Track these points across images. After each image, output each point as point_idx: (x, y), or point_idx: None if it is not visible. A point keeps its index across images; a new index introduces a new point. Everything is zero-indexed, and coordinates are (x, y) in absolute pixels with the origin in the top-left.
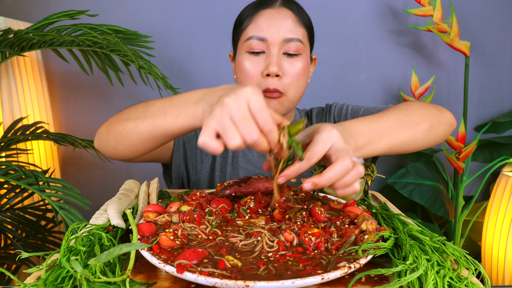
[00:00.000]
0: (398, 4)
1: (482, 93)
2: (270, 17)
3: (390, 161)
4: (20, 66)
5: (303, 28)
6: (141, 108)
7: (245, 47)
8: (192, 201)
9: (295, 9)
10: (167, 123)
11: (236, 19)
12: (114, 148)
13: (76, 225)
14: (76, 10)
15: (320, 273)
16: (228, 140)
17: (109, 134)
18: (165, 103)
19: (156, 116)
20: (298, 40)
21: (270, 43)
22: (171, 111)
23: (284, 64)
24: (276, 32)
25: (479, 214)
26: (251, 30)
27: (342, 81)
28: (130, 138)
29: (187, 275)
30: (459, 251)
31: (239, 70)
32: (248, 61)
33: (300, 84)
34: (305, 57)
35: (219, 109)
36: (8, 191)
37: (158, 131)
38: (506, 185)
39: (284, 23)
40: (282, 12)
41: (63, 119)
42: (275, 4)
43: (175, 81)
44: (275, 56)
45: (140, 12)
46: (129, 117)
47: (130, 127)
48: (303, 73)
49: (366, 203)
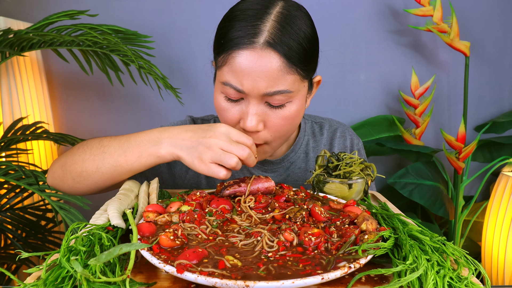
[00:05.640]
0: (398, 4)
1: (482, 93)
2: (248, 63)
3: (390, 161)
4: (20, 66)
5: (292, 73)
6: (96, 148)
7: (221, 88)
8: (192, 201)
9: (284, 49)
10: (129, 163)
11: (214, 39)
12: (73, 187)
13: (76, 225)
14: (76, 10)
15: (320, 273)
16: (226, 162)
17: (66, 174)
18: (122, 143)
19: (116, 157)
20: (284, 92)
21: (248, 95)
22: (131, 152)
23: (267, 114)
24: (255, 84)
25: (479, 214)
26: (226, 73)
27: (342, 81)
28: (91, 178)
29: (187, 275)
30: (459, 251)
31: (216, 108)
32: (224, 104)
33: (287, 130)
34: (297, 100)
35: (207, 149)
36: (8, 191)
37: (120, 170)
38: (506, 185)
39: (267, 72)
40: (265, 57)
41: (63, 119)
42: (257, 43)
43: (175, 81)
44: (254, 109)
45: (140, 12)
46: (85, 159)
47: (91, 169)
48: (292, 120)
49: (366, 203)
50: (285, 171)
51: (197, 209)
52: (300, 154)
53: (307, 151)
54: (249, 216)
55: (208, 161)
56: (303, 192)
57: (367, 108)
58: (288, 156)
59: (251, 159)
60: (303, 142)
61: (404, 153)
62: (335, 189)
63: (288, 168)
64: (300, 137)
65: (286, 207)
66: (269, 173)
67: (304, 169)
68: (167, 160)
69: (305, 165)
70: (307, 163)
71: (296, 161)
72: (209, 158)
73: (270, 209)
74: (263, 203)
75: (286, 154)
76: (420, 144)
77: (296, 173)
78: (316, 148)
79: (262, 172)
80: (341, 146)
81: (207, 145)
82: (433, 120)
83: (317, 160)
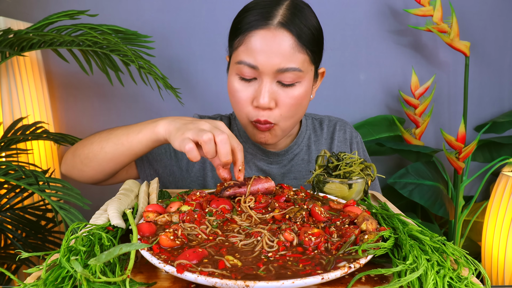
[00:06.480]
0: (398, 4)
1: (482, 93)
2: (263, 41)
3: (390, 161)
4: (20, 66)
5: (303, 53)
6: (105, 132)
7: (236, 69)
8: (192, 201)
9: (296, 29)
10: (129, 140)
11: (231, 28)
12: (81, 171)
13: (76, 225)
14: (76, 10)
15: (320, 273)
16: (201, 137)
17: (75, 158)
18: (129, 126)
19: (120, 136)
20: (295, 70)
21: (261, 71)
22: (133, 130)
23: (278, 93)
24: (269, 60)
25: (479, 214)
26: (242, 53)
27: (342, 81)
28: (96, 158)
29: (187, 275)
30: (459, 251)
31: (230, 91)
32: (238, 85)
33: (295, 113)
34: (305, 82)
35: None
36: (8, 191)
37: (121, 148)
38: (506, 185)
39: (280, 49)
40: (278, 36)
41: (63, 119)
42: (271, 24)
43: (175, 81)
44: (266, 87)
45: (140, 12)
46: (93, 141)
47: (96, 149)
48: (301, 102)
49: (366, 203)
50: (289, 162)
51: (197, 209)
52: (302, 146)
53: (309, 144)
54: (249, 216)
55: (187, 135)
56: (303, 192)
57: (367, 108)
58: (292, 148)
59: (224, 148)
60: (305, 136)
61: (404, 153)
62: (335, 189)
63: (292, 160)
64: (302, 131)
65: (286, 207)
66: (274, 165)
67: (307, 161)
68: (161, 135)
69: (308, 157)
70: (310, 155)
71: (299, 153)
72: (189, 134)
73: (270, 209)
74: (263, 203)
75: (289, 146)
76: (420, 144)
77: (299, 164)
78: (317, 141)
79: (267, 164)
80: (341, 138)
81: (195, 125)
82: (433, 120)
83: (317, 160)
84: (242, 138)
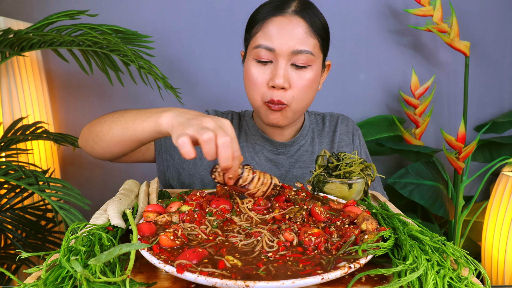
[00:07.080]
0: (398, 4)
1: (482, 93)
2: (280, 26)
3: (390, 161)
4: (20, 66)
5: (314, 38)
6: (118, 113)
7: (253, 54)
8: (192, 201)
9: (308, 17)
10: (135, 125)
11: (248, 21)
12: (92, 148)
13: (76, 225)
14: (76, 10)
15: (320, 273)
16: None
17: (89, 134)
18: (140, 111)
19: (128, 120)
20: (307, 52)
21: (278, 53)
22: (141, 116)
23: (292, 75)
24: (285, 42)
25: (479, 214)
26: (260, 37)
27: (342, 81)
28: (104, 139)
29: (187, 275)
30: (459, 251)
31: (246, 76)
32: (255, 69)
33: (306, 96)
34: (315, 67)
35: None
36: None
37: (127, 133)
38: (506, 185)
39: (294, 33)
40: (293, 21)
41: (63, 119)
42: (287, 12)
43: (175, 81)
44: (282, 68)
45: (140, 12)
46: (105, 120)
47: (106, 129)
48: (311, 85)
49: (366, 203)
50: (296, 153)
51: (197, 209)
52: (307, 138)
53: (313, 136)
54: (249, 216)
55: (186, 131)
56: (303, 192)
57: (367, 108)
58: (298, 139)
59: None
60: (309, 129)
61: (404, 153)
62: (335, 189)
63: (298, 150)
64: (306, 124)
65: (286, 207)
66: (281, 155)
67: (311, 152)
68: (163, 128)
69: (312, 148)
70: (314, 146)
71: (304, 144)
72: (190, 130)
73: (270, 209)
74: (262, 205)
75: (295, 137)
76: (420, 144)
77: (304, 154)
78: (320, 134)
79: (275, 155)
80: (343, 131)
81: (198, 121)
82: (433, 120)
83: (317, 160)
84: (252, 131)
